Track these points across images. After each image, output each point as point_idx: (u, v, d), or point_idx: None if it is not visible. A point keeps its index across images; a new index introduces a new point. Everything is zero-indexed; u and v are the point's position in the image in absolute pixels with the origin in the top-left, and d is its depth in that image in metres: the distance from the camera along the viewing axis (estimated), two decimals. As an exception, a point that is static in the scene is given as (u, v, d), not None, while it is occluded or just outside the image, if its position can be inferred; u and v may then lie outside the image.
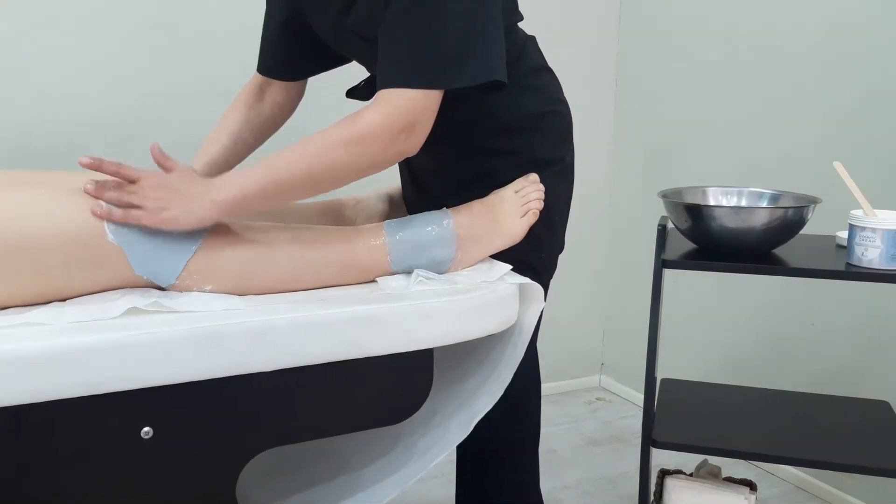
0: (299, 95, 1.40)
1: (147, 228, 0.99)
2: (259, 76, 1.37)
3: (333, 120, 1.70)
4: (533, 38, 1.30)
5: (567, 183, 1.31)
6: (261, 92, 1.37)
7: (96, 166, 0.98)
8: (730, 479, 1.55)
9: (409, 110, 1.03)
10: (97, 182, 0.99)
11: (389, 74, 1.04)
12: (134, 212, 0.98)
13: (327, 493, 1.27)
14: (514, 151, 1.24)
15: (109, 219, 0.97)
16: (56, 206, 0.97)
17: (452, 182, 1.27)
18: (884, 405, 1.56)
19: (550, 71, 1.30)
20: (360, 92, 1.32)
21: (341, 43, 1.23)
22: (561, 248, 1.34)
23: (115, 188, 0.99)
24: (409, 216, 1.17)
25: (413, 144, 1.06)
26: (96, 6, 1.83)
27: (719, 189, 1.51)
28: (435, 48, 1.03)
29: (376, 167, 1.06)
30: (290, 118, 2.06)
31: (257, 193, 1.02)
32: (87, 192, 0.98)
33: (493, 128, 1.23)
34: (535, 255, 1.26)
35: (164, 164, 1.02)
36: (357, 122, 1.03)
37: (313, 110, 2.08)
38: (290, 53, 1.33)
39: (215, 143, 1.33)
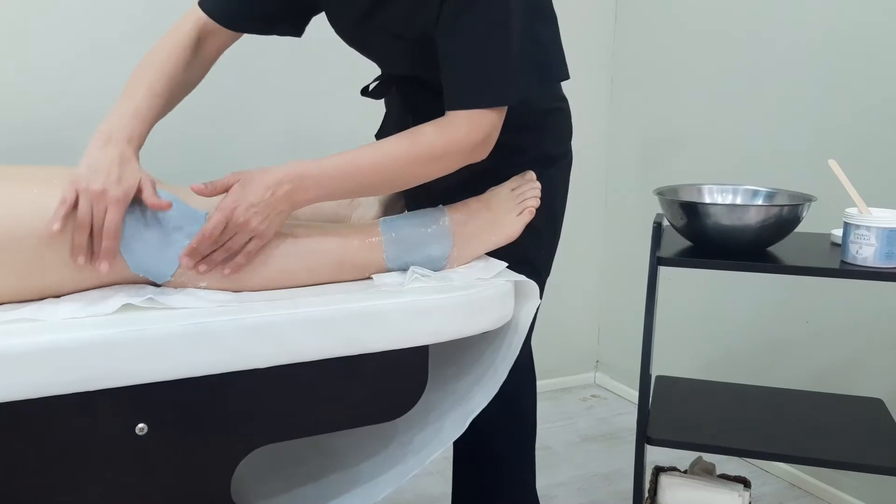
0: (220, 55, 1.29)
1: (142, 226, 0.99)
2: (202, 23, 1.21)
3: (338, 121, 1.69)
4: None
5: (567, 178, 1.32)
6: (199, 45, 1.22)
7: (209, 192, 1.01)
8: (724, 476, 1.56)
9: (487, 126, 1.09)
10: (195, 263, 1.01)
11: (465, 96, 1.08)
12: (250, 247, 1.02)
13: (323, 489, 1.27)
14: (522, 148, 1.24)
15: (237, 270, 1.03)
16: (51, 202, 0.96)
17: (457, 179, 1.27)
18: (877, 402, 1.57)
19: None
20: (374, 92, 1.32)
21: (361, 39, 1.22)
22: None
23: (217, 249, 1.01)
24: (404, 213, 1.17)
25: (486, 153, 1.13)
26: (96, 4, 1.82)
27: (714, 187, 1.51)
28: (505, 65, 1.07)
29: (448, 173, 1.12)
30: (301, 122, 2.06)
31: (333, 194, 1.07)
32: (198, 272, 1.01)
33: (504, 124, 1.23)
34: (535, 252, 1.26)
35: (221, 187, 1.02)
36: (443, 139, 1.08)
37: (322, 109, 2.09)
38: (270, 7, 1.23)
39: (156, 96, 1.14)
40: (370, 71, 1.36)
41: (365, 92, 1.32)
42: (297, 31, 1.30)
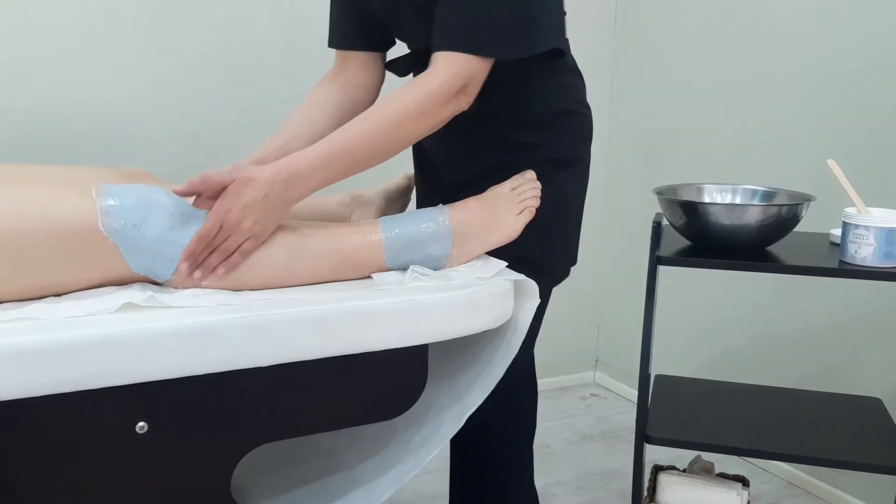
0: (380, 76, 1.36)
1: (141, 224, 0.99)
2: (336, 60, 1.34)
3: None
4: (567, 41, 1.30)
5: (583, 185, 1.31)
6: (338, 72, 1.34)
7: (195, 191, 1.00)
8: (722, 475, 1.56)
9: (465, 74, 1.09)
10: (192, 267, 1.01)
11: (448, 37, 1.08)
12: (245, 247, 1.02)
13: (322, 489, 1.27)
14: (537, 146, 1.24)
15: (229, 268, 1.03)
16: (52, 201, 0.96)
17: (469, 172, 1.26)
18: (876, 402, 1.57)
19: (580, 75, 1.31)
20: (399, 67, 1.32)
21: (390, 13, 1.23)
22: (574, 261, 1.34)
23: (212, 253, 1.01)
24: (404, 212, 1.17)
25: (466, 103, 1.12)
26: (95, 3, 1.82)
27: (714, 186, 1.51)
28: (494, 15, 1.07)
29: (434, 129, 1.12)
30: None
31: (326, 181, 1.06)
32: (196, 278, 1.01)
33: (520, 120, 1.23)
34: (540, 251, 1.26)
35: (217, 186, 1.01)
36: (420, 93, 1.07)
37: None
38: (360, 22, 1.29)
39: (289, 126, 1.27)
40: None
41: (390, 66, 1.33)
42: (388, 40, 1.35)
